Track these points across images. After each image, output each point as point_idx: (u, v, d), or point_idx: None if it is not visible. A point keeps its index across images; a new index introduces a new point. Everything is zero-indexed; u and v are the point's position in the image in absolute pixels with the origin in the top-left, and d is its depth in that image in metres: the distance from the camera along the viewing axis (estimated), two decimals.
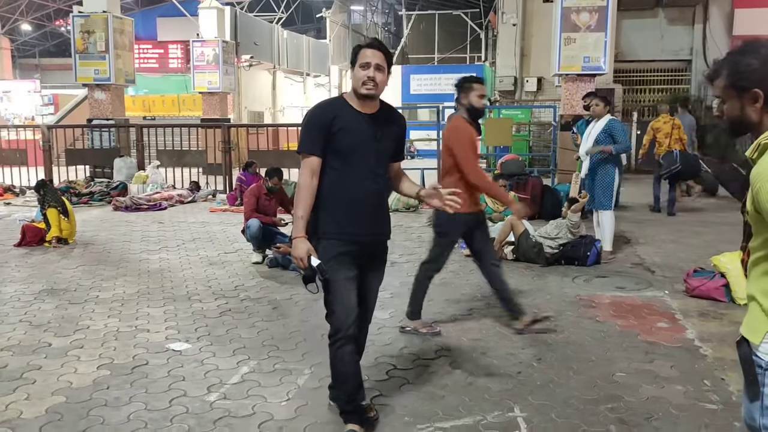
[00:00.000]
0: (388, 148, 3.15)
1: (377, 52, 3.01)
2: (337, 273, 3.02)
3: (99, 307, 5.38)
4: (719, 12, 17.33)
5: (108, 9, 14.43)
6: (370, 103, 3.07)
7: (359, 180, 3.05)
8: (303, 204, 3.00)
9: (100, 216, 10.40)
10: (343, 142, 3.01)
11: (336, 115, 3.02)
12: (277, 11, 32.43)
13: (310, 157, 3.03)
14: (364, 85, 2.98)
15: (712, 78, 1.97)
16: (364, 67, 2.99)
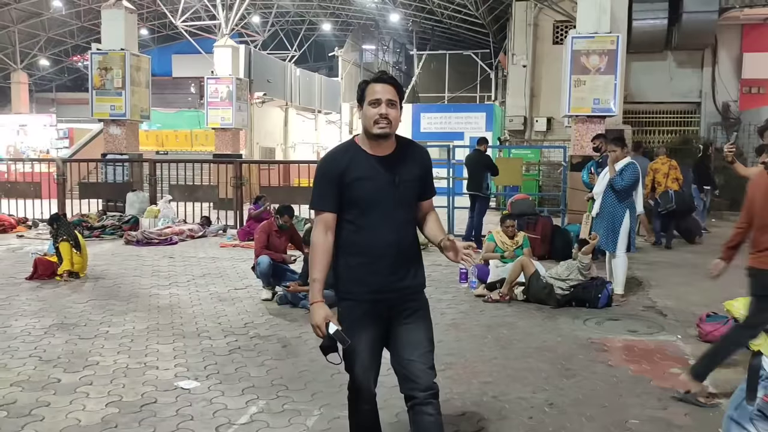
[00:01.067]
0: (410, 192, 2.83)
1: (387, 86, 2.74)
2: (359, 338, 2.76)
3: (109, 342, 5.38)
4: (728, 55, 17.50)
5: (126, 46, 14.75)
6: (384, 143, 2.78)
7: (379, 233, 2.77)
8: (318, 265, 2.76)
9: (112, 250, 10.46)
10: (358, 194, 2.76)
11: (348, 164, 2.77)
12: (290, 49, 33.05)
13: (323, 213, 2.81)
14: (376, 124, 2.71)
15: None
16: (374, 104, 2.72)
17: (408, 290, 2.86)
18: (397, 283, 2.82)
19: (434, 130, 25.28)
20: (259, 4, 27.92)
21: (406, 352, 2.80)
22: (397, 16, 28.93)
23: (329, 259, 2.80)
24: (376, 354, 2.87)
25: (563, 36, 17.48)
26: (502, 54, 23.87)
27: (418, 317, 2.87)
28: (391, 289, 2.81)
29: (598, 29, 11.64)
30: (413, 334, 2.83)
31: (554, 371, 4.69)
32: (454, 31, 29.37)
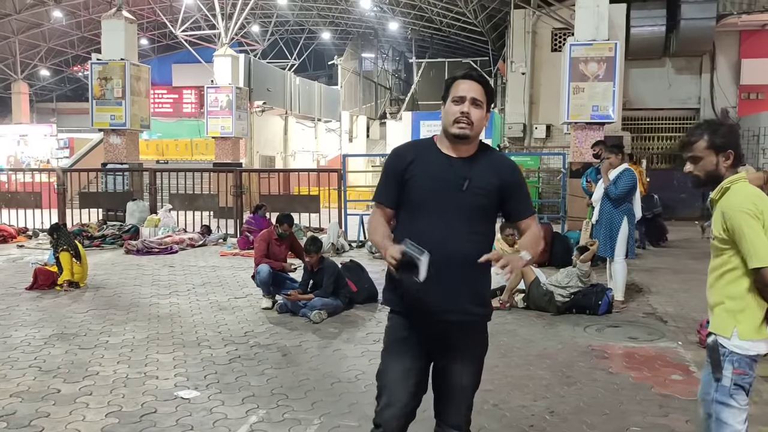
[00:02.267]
0: (481, 201, 2.47)
1: (475, 84, 2.47)
2: (394, 360, 2.52)
3: (108, 352, 5.38)
4: (726, 62, 17.55)
5: (126, 56, 14.80)
6: (461, 146, 2.49)
7: (437, 240, 2.40)
8: (378, 233, 2.51)
9: (112, 259, 10.46)
10: (415, 191, 2.48)
11: (414, 158, 2.51)
12: (289, 58, 33.16)
13: (380, 207, 2.60)
14: (456, 123, 2.44)
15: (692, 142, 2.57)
16: (457, 101, 2.46)
17: (461, 315, 2.49)
18: (447, 303, 2.45)
19: None
20: (258, 14, 28.04)
21: (444, 392, 2.58)
22: (396, 24, 29.06)
23: (387, 230, 2.53)
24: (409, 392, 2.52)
25: (561, 43, 17.53)
26: (501, 62, 23.95)
27: (467, 357, 2.55)
28: (439, 308, 2.46)
29: (596, 36, 11.69)
30: (456, 377, 2.54)
31: (555, 379, 4.68)
32: (453, 39, 29.50)
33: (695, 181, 2.63)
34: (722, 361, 2.51)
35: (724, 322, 2.54)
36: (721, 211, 2.52)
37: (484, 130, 9.53)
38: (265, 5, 27.01)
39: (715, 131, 2.57)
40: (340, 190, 12.22)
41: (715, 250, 2.58)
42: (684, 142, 2.61)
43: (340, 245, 11.08)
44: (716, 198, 2.57)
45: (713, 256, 2.60)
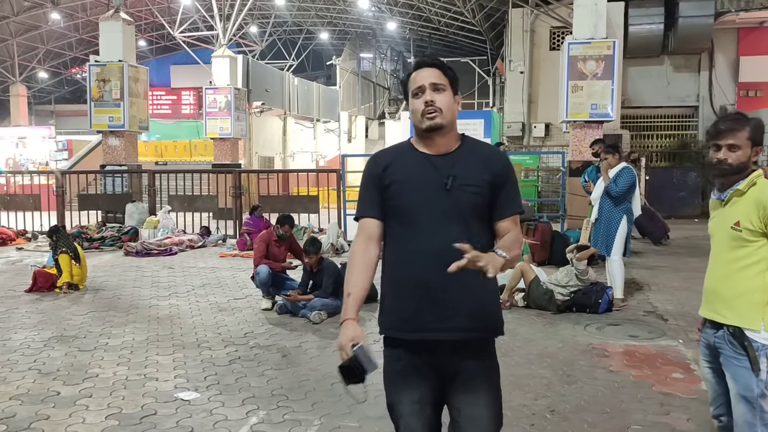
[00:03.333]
0: (471, 200, 2.18)
1: (430, 69, 2.24)
2: (399, 394, 2.24)
3: (108, 354, 5.37)
4: (725, 59, 17.55)
5: (124, 58, 14.79)
6: (439, 139, 2.22)
7: (417, 251, 2.18)
8: (351, 278, 2.25)
9: (111, 261, 10.45)
10: (396, 198, 2.22)
11: (390, 162, 2.27)
12: (288, 59, 33.16)
13: (363, 220, 2.30)
14: (423, 115, 2.19)
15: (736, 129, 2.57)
16: (417, 93, 2.23)
17: (462, 333, 2.18)
18: (445, 322, 2.16)
19: None
20: (256, 15, 28.02)
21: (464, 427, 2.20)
22: (394, 24, 29.04)
23: (366, 272, 2.26)
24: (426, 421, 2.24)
25: (560, 42, 17.52)
26: (500, 61, 23.95)
27: (478, 382, 2.20)
28: (436, 328, 2.17)
29: (594, 35, 11.68)
30: (471, 407, 2.19)
31: (555, 378, 4.67)
32: (452, 39, 29.49)
33: (724, 170, 2.60)
34: (759, 356, 2.53)
35: (751, 314, 2.55)
36: (757, 202, 2.54)
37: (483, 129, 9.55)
38: (263, 6, 27.00)
39: (756, 125, 2.61)
40: (339, 190, 12.21)
41: (739, 241, 2.58)
42: (724, 129, 2.57)
43: (339, 245, 11.07)
44: (744, 190, 2.59)
45: (732, 247, 2.60)
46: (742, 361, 2.57)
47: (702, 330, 2.82)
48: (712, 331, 2.69)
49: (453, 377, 2.20)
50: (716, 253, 2.71)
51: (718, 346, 2.66)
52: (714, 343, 2.68)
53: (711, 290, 2.70)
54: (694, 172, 16.49)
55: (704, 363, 2.81)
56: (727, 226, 2.63)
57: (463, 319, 2.16)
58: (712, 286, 2.70)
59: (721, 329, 2.63)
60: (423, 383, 2.22)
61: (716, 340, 2.66)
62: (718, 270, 2.68)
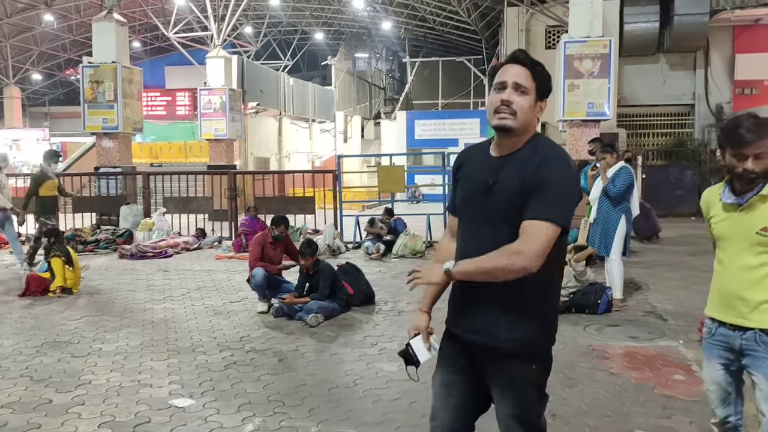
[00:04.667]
0: (505, 205, 2.13)
1: (519, 67, 2.16)
2: (437, 371, 2.40)
3: (102, 360, 5.29)
4: (720, 57, 17.54)
5: (117, 59, 14.69)
6: (507, 140, 2.18)
7: (462, 248, 2.28)
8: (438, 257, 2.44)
9: (106, 264, 10.36)
10: (456, 197, 2.36)
11: (464, 161, 2.36)
12: (283, 59, 33.08)
13: (449, 216, 2.46)
14: (496, 113, 2.15)
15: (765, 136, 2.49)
16: (498, 88, 2.17)
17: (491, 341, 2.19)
18: (472, 322, 2.24)
19: (428, 137, 25.33)
20: (251, 15, 27.93)
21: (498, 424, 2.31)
22: (389, 24, 28.99)
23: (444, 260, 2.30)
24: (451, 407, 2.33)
25: (555, 41, 17.49)
26: (495, 59, 23.90)
27: (503, 387, 2.24)
28: (465, 327, 2.27)
29: (590, 33, 11.65)
30: (498, 408, 2.30)
31: (556, 380, 4.60)
32: (447, 38, 29.45)
33: (752, 180, 2.53)
34: None
35: None
36: None
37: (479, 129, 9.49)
38: (257, 6, 26.91)
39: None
40: (336, 191, 12.14)
41: (765, 247, 2.55)
42: (751, 139, 2.49)
43: (336, 247, 11.00)
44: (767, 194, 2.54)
45: (757, 253, 2.56)
46: None
47: (711, 333, 2.75)
48: (736, 334, 2.64)
49: (484, 373, 2.26)
50: (734, 258, 2.64)
51: (746, 348, 2.61)
52: (741, 346, 2.63)
53: (734, 296, 2.63)
54: (691, 170, 16.48)
55: (718, 366, 2.73)
56: (751, 232, 2.56)
57: (487, 324, 2.19)
58: (734, 292, 2.63)
59: (750, 331, 2.60)
60: (455, 369, 2.31)
61: (744, 342, 2.61)
62: (740, 275, 2.61)
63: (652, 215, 11.46)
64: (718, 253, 2.73)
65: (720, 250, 2.72)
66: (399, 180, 11.86)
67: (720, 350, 2.71)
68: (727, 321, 2.66)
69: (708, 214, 2.78)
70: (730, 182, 2.66)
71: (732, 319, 2.64)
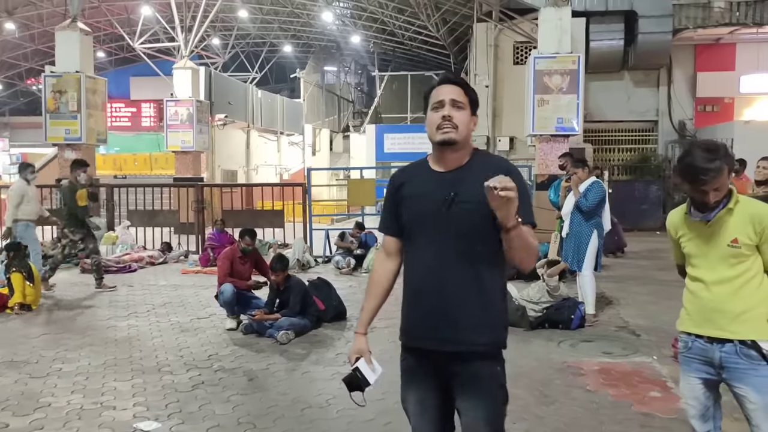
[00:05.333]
0: (471, 217, 2.22)
1: (453, 87, 2.31)
2: (406, 393, 2.41)
3: (62, 381, 5.06)
4: (683, 75, 17.93)
5: (81, 69, 14.36)
6: (451, 154, 2.29)
7: (420, 265, 2.32)
8: (368, 292, 2.51)
9: (67, 279, 10.03)
10: (405, 215, 2.36)
11: (405, 180, 2.40)
12: (251, 71, 32.83)
13: (384, 237, 2.50)
14: (438, 129, 2.27)
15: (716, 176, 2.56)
16: (436, 107, 2.30)
17: (459, 346, 2.26)
18: (442, 332, 2.27)
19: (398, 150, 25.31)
20: (219, 26, 27.68)
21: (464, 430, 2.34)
22: (358, 37, 29.01)
23: (383, 288, 2.47)
24: (430, 421, 2.37)
25: (523, 57, 17.68)
26: (464, 74, 24.08)
27: (476, 391, 2.27)
28: (433, 338, 2.29)
29: (559, 49, 11.77)
30: (467, 415, 2.30)
31: (532, 398, 4.55)
32: (415, 53, 29.59)
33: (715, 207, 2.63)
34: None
35: (762, 325, 2.61)
36: (751, 217, 2.61)
37: None
38: (225, 18, 26.68)
39: (726, 154, 2.60)
40: (305, 204, 12.00)
41: (738, 258, 2.63)
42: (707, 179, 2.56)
43: (305, 261, 10.85)
44: (732, 207, 2.64)
45: (732, 264, 2.64)
46: (761, 371, 2.60)
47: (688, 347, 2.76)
48: (715, 347, 2.67)
49: (452, 383, 2.30)
50: (710, 273, 2.69)
51: (726, 362, 2.65)
52: (720, 359, 2.65)
53: (713, 309, 2.67)
54: (655, 185, 16.75)
55: (697, 380, 2.75)
56: (722, 245, 2.64)
57: (459, 333, 2.25)
58: (713, 306, 2.67)
59: (729, 344, 2.63)
60: (425, 385, 2.34)
61: (723, 355, 2.65)
62: (718, 289, 2.66)
63: (618, 230, 11.57)
64: (691, 270, 2.77)
65: (693, 267, 2.76)
66: (369, 193, 11.77)
67: (698, 364, 2.73)
68: (704, 334, 2.69)
69: (676, 235, 2.83)
70: (693, 201, 2.71)
71: (710, 332, 2.67)
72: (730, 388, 2.68)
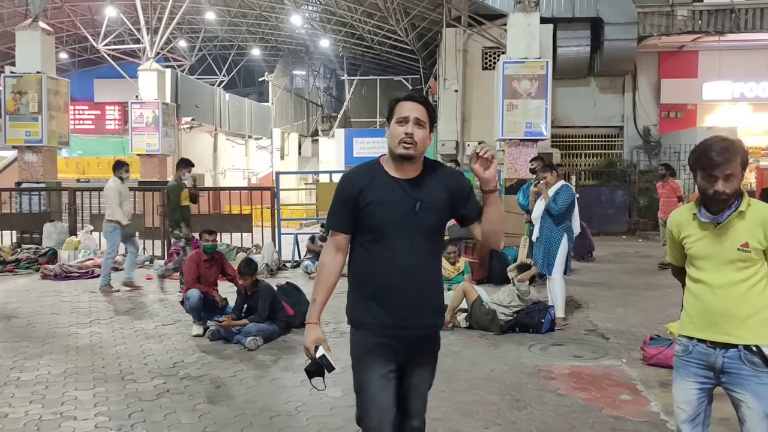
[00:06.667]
0: (433, 220, 2.61)
1: (417, 105, 2.58)
2: (370, 369, 2.60)
3: (20, 390, 4.87)
4: (647, 82, 18.24)
5: (42, 69, 13.99)
6: (408, 165, 2.59)
7: (394, 263, 2.57)
8: (320, 284, 2.67)
9: (27, 285, 9.73)
10: (373, 219, 2.57)
11: (365, 186, 2.59)
12: (218, 74, 32.48)
13: (336, 235, 2.68)
14: (401, 143, 2.53)
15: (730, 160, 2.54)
16: (401, 122, 2.55)
17: (422, 330, 2.66)
18: (412, 320, 2.61)
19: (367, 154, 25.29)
20: (185, 29, 27.33)
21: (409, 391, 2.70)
22: (327, 41, 28.94)
23: (333, 280, 2.68)
24: (390, 393, 2.62)
25: (492, 62, 17.80)
26: (433, 79, 24.17)
27: (428, 362, 2.75)
28: (402, 326, 2.60)
29: (528, 55, 11.85)
30: (419, 379, 2.72)
31: (504, 403, 4.52)
32: (385, 57, 29.61)
33: (725, 201, 2.58)
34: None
35: (766, 330, 2.58)
36: (763, 222, 2.58)
37: None
38: (192, 20, 26.34)
39: (742, 148, 2.60)
40: (273, 208, 11.85)
41: (747, 262, 2.59)
42: (721, 161, 2.53)
43: (274, 266, 10.71)
44: (744, 210, 2.60)
45: (740, 268, 2.59)
46: (763, 378, 2.56)
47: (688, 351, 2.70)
48: (718, 352, 2.62)
49: (411, 358, 2.67)
50: (717, 276, 2.63)
51: (729, 367, 2.60)
52: (723, 364, 2.61)
53: (718, 313, 2.61)
54: (621, 189, 16.98)
55: (693, 384, 2.68)
56: (731, 248, 2.59)
57: (427, 317, 2.65)
58: (719, 309, 2.62)
59: (732, 349, 2.59)
60: (388, 363, 2.61)
61: (726, 361, 2.60)
62: (724, 292, 2.61)
63: (587, 234, 11.68)
64: (695, 273, 2.70)
65: (697, 269, 2.69)
66: None
67: (696, 369, 2.67)
68: (708, 339, 2.63)
69: (680, 236, 2.75)
70: (703, 202, 2.66)
71: (715, 337, 2.62)
72: (728, 392, 2.64)
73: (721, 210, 2.60)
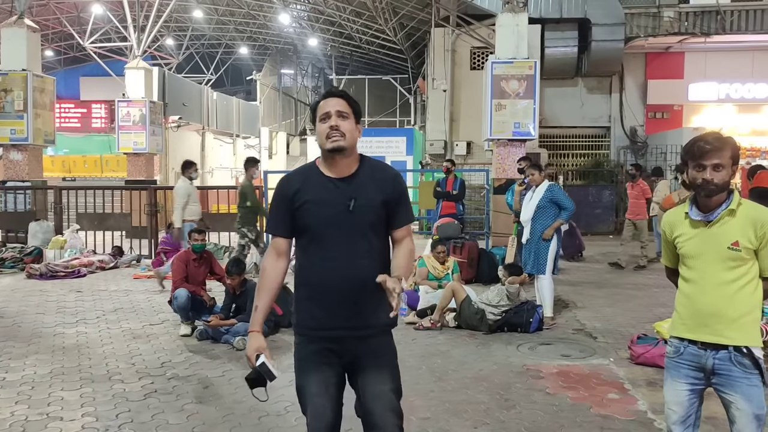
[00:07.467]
0: (370, 219, 2.57)
1: (337, 99, 2.58)
2: (308, 377, 2.56)
3: (5, 391, 4.82)
4: (634, 82, 18.35)
5: (28, 67, 13.86)
6: (342, 161, 2.57)
7: (331, 264, 2.55)
8: (261, 292, 2.64)
9: (12, 285, 9.64)
10: (307, 219, 2.57)
11: (300, 186, 2.59)
12: (206, 73, 32.30)
13: (275, 238, 2.67)
14: (328, 138, 2.52)
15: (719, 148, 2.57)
16: (324, 119, 2.55)
17: (366, 330, 2.59)
18: (352, 321, 2.56)
19: None
20: (173, 27, 27.16)
21: (369, 402, 2.56)
22: (315, 40, 28.87)
23: (275, 286, 2.66)
24: (331, 398, 2.57)
25: (480, 62, 17.84)
26: (421, 79, 24.19)
27: (381, 364, 2.62)
28: (344, 327, 2.56)
29: (516, 55, 11.88)
30: (375, 385, 2.57)
31: (493, 402, 4.54)
32: (373, 57, 29.59)
33: (712, 191, 2.58)
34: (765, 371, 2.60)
35: (755, 332, 2.61)
36: (753, 221, 2.58)
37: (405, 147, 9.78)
38: (179, 18, 26.18)
39: (734, 144, 2.62)
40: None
41: (737, 261, 2.59)
42: (709, 149, 2.57)
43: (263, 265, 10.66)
44: (735, 209, 2.61)
45: (730, 267, 2.60)
46: (753, 380, 2.58)
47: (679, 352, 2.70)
48: (709, 353, 2.62)
49: (356, 362, 2.59)
50: (707, 276, 2.63)
51: (719, 368, 2.61)
52: (713, 365, 2.62)
53: (709, 314, 2.62)
54: (608, 190, 17.07)
55: (684, 386, 2.68)
56: (722, 247, 2.59)
57: (369, 318, 2.57)
58: (710, 310, 2.61)
59: (723, 350, 2.60)
60: (328, 368, 2.57)
61: (717, 362, 2.61)
62: (715, 292, 2.62)
63: (577, 233, 11.74)
64: (687, 272, 2.71)
65: (688, 269, 2.70)
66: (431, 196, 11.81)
67: (687, 370, 2.68)
68: (699, 340, 2.64)
69: (673, 235, 2.76)
70: (694, 200, 2.68)
71: (705, 338, 2.63)
72: (718, 393, 2.65)
73: (712, 208, 2.62)
